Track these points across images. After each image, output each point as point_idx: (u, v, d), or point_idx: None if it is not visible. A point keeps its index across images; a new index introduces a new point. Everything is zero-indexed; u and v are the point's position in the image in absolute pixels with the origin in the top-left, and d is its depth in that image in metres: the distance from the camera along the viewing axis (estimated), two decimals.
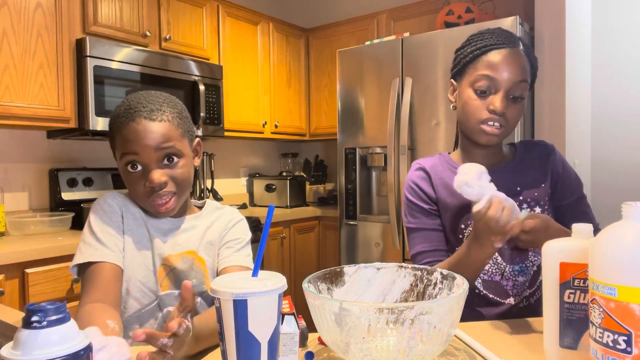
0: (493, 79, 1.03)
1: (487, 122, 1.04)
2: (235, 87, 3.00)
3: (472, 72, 1.07)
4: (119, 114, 0.96)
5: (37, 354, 0.45)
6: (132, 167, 0.95)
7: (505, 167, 1.12)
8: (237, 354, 0.57)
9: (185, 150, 1.00)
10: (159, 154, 0.95)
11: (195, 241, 1.06)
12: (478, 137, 1.07)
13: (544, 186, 1.11)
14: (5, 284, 1.72)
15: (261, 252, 0.61)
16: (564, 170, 1.14)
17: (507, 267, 1.08)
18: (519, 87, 1.04)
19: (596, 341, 0.56)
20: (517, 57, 1.04)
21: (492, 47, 1.05)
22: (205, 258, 1.06)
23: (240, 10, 3.04)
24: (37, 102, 2.04)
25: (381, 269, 0.83)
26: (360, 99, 2.80)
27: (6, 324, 0.92)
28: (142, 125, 0.93)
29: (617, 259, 0.53)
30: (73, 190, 2.39)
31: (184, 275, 1.03)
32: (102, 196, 1.04)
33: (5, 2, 1.94)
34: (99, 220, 0.99)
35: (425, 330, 0.62)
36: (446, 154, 1.20)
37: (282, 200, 3.30)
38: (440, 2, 2.88)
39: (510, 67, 1.03)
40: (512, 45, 1.05)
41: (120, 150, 0.96)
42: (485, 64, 1.04)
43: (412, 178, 1.18)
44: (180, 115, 1.00)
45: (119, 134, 0.96)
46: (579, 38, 2.56)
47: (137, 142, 0.93)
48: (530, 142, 1.19)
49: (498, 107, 1.02)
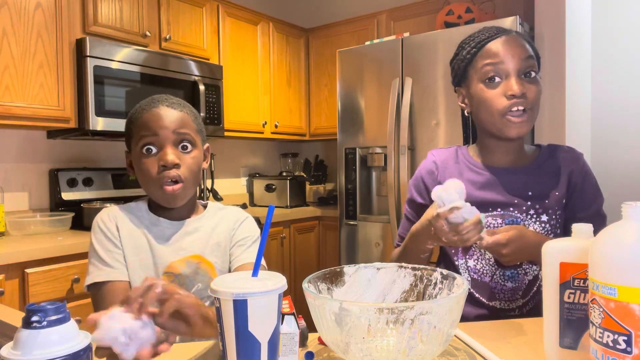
0: (499, 64, 1.02)
1: (511, 109, 1.01)
2: (235, 87, 3.00)
3: (475, 69, 1.06)
4: (142, 104, 1.03)
5: (37, 354, 0.45)
6: (147, 151, 0.99)
7: (522, 170, 1.10)
8: (237, 354, 0.57)
9: (198, 145, 1.05)
10: (175, 137, 1.00)
11: (201, 244, 1.06)
12: (507, 132, 1.03)
13: (557, 195, 1.08)
14: (5, 284, 1.72)
15: (261, 252, 0.61)
16: (585, 182, 1.09)
17: (497, 270, 1.08)
18: (527, 63, 1.02)
19: (596, 341, 0.56)
20: (515, 39, 1.03)
21: (487, 40, 1.04)
22: (212, 260, 1.06)
23: (240, 10, 3.05)
24: (37, 102, 2.04)
25: (381, 269, 0.83)
26: (360, 99, 2.80)
27: (6, 324, 0.92)
28: (164, 110, 1.00)
29: (617, 259, 0.53)
30: (73, 190, 2.39)
31: (189, 281, 1.02)
32: (98, 214, 1.07)
33: (5, 2, 1.94)
34: (98, 240, 1.03)
35: (425, 330, 0.62)
36: (464, 148, 1.18)
37: (282, 200, 3.30)
38: (440, 2, 2.88)
39: (511, 48, 1.02)
40: (507, 33, 1.05)
41: (138, 133, 1.00)
42: (485, 56, 1.04)
43: (421, 171, 1.19)
44: (196, 116, 1.07)
45: (139, 119, 1.01)
46: (579, 38, 2.56)
47: (157, 124, 0.99)
48: (557, 147, 1.14)
49: (516, 90, 0.99)
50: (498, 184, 1.09)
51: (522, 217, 1.07)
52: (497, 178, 1.09)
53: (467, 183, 1.09)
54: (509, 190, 1.08)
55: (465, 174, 1.12)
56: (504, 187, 1.08)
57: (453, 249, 1.13)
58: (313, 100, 3.54)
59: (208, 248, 1.06)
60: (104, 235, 1.03)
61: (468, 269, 1.11)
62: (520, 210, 1.07)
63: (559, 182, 1.09)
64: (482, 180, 1.10)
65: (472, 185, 1.10)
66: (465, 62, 1.07)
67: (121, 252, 1.02)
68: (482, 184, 1.10)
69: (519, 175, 1.09)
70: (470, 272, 1.10)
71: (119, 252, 1.02)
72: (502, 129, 1.03)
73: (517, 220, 1.07)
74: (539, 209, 1.07)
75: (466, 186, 1.09)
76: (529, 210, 1.07)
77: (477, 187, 1.10)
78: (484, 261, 1.09)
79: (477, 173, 1.11)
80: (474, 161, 1.14)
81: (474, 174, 1.11)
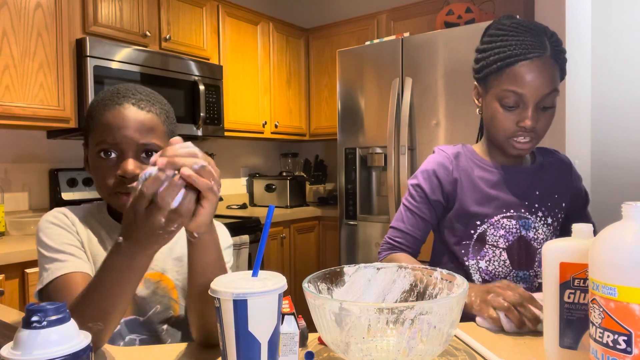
0: (521, 95, 0.97)
1: (518, 137, 1.01)
2: (235, 87, 3.00)
3: (497, 84, 1.01)
4: (104, 97, 0.89)
5: (37, 354, 0.45)
6: (106, 154, 0.86)
7: (527, 169, 1.12)
8: (237, 354, 0.57)
9: None
10: (139, 145, 0.86)
11: (161, 260, 0.94)
12: (509, 150, 1.05)
13: (558, 197, 1.11)
14: (5, 284, 1.72)
15: (261, 252, 0.61)
16: (580, 184, 1.17)
17: (511, 272, 1.08)
18: (549, 98, 0.99)
19: (596, 341, 0.56)
20: (546, 67, 0.96)
21: (518, 57, 0.97)
22: (173, 278, 0.95)
23: (240, 10, 3.04)
24: (37, 102, 2.04)
25: (381, 269, 0.83)
26: (360, 99, 2.80)
27: (6, 324, 0.91)
28: (129, 110, 0.86)
29: (617, 259, 0.53)
30: (73, 190, 2.39)
31: (146, 303, 0.92)
32: (44, 215, 0.92)
33: (5, 2, 1.94)
34: (51, 235, 0.88)
35: (425, 330, 0.62)
36: (469, 146, 1.17)
37: (282, 200, 3.30)
38: (440, 2, 2.88)
39: (538, 80, 0.96)
40: (540, 53, 0.96)
41: (97, 134, 0.87)
42: (511, 78, 0.98)
43: (434, 166, 1.12)
44: (167, 114, 0.93)
45: (101, 116, 0.87)
46: (579, 38, 2.56)
47: (119, 129, 0.85)
48: (545, 149, 1.18)
49: (528, 124, 0.98)
50: (508, 182, 1.10)
51: (532, 218, 1.08)
52: (508, 176, 1.10)
53: (479, 181, 1.10)
54: (518, 189, 1.09)
55: (476, 171, 1.12)
56: (514, 186, 1.09)
57: (463, 249, 1.10)
58: (313, 100, 3.54)
59: (169, 263, 0.95)
60: (60, 229, 0.89)
61: (480, 271, 1.09)
62: (530, 212, 1.09)
63: (560, 183, 1.13)
64: (494, 179, 1.10)
65: (484, 183, 1.10)
66: (489, 70, 1.02)
67: (83, 250, 0.89)
68: (494, 183, 1.10)
69: (526, 174, 1.11)
70: (482, 274, 1.09)
71: (81, 249, 0.89)
72: (504, 146, 1.05)
73: (529, 222, 1.08)
74: (545, 211, 1.09)
75: (478, 184, 1.09)
76: (537, 212, 1.09)
77: (489, 186, 1.10)
78: (497, 262, 1.08)
79: (488, 171, 1.11)
80: (482, 159, 1.13)
81: (485, 172, 1.11)
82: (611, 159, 2.73)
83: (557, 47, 1.00)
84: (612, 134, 2.74)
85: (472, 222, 1.09)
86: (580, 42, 2.59)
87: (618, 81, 2.72)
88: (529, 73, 0.96)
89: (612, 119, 2.73)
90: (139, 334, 0.92)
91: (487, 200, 1.08)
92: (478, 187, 1.09)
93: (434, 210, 1.13)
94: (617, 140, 2.73)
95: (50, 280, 0.83)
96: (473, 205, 1.08)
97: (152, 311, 0.93)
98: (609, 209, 1.13)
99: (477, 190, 1.09)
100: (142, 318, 0.93)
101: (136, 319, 0.92)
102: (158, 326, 0.94)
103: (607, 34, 2.74)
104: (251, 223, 2.70)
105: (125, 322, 0.91)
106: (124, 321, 0.91)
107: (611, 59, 2.74)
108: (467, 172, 1.11)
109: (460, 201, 1.10)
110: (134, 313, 0.92)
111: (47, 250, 0.86)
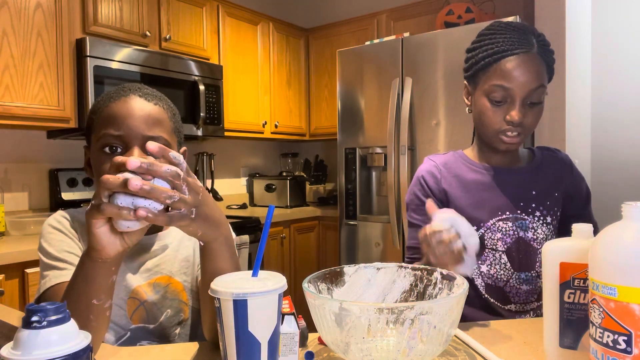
0: (508, 89, 0.99)
1: (506, 132, 1.02)
2: (235, 87, 3.00)
3: (485, 80, 1.03)
4: (109, 93, 0.86)
5: (37, 354, 0.45)
6: (110, 150, 0.82)
7: (523, 169, 1.12)
8: (237, 354, 0.57)
9: (173, 149, 0.87)
10: (145, 137, 0.81)
11: (169, 263, 0.93)
12: (497, 145, 1.06)
13: (557, 196, 1.10)
14: (5, 284, 1.72)
15: (261, 252, 0.61)
16: (581, 183, 1.15)
17: (514, 274, 1.08)
18: (536, 93, 1.00)
19: (596, 341, 0.56)
20: (532, 63, 0.99)
21: (505, 53, 0.99)
22: (182, 280, 0.94)
23: (240, 10, 3.04)
24: (37, 102, 2.04)
25: (381, 269, 0.83)
26: (360, 99, 2.80)
27: (6, 324, 0.91)
28: (135, 101, 0.83)
29: (617, 259, 0.53)
30: (73, 190, 2.39)
31: (157, 308, 0.90)
32: (48, 219, 0.92)
33: (5, 2, 1.94)
34: (52, 242, 0.87)
35: (425, 330, 0.62)
36: (460, 151, 1.18)
37: (282, 200, 3.30)
38: (440, 2, 2.88)
39: (525, 75, 0.98)
40: (526, 49, 0.99)
41: (102, 126, 0.83)
42: (498, 73, 1.00)
43: (422, 173, 1.16)
44: (174, 113, 0.90)
45: (105, 107, 0.83)
46: (579, 38, 2.56)
47: (125, 118, 0.81)
48: (547, 148, 1.18)
49: (515, 118, 0.99)
50: (502, 183, 1.09)
51: (529, 219, 1.08)
52: (501, 178, 1.10)
53: (472, 184, 1.10)
54: (513, 190, 1.09)
55: (468, 175, 1.12)
56: (509, 187, 1.09)
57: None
58: (313, 100, 3.54)
59: (176, 265, 0.94)
60: (62, 234, 0.88)
61: (481, 275, 1.09)
62: (527, 212, 1.08)
63: (557, 182, 1.12)
64: (486, 181, 1.10)
65: (477, 186, 1.10)
66: (478, 67, 1.04)
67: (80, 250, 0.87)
68: (487, 185, 1.10)
69: (521, 175, 1.11)
70: (484, 278, 1.09)
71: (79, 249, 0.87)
72: (493, 142, 1.06)
73: (526, 223, 1.07)
74: (544, 210, 1.09)
75: (471, 187, 1.09)
76: (535, 212, 1.08)
77: (482, 188, 1.10)
78: (499, 266, 1.08)
79: (480, 173, 1.11)
80: (473, 161, 1.14)
81: (476, 174, 1.11)
82: (611, 159, 2.73)
83: (544, 45, 1.02)
84: (612, 134, 2.74)
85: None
86: (580, 42, 2.59)
87: (618, 81, 2.72)
88: (516, 68, 0.98)
89: (612, 119, 2.73)
90: (150, 341, 0.90)
91: (481, 205, 1.08)
92: (471, 191, 1.10)
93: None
94: (617, 140, 2.72)
95: (47, 288, 0.82)
96: (467, 211, 1.08)
97: (164, 316, 0.91)
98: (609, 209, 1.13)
99: (470, 194, 1.09)
100: (152, 326, 0.90)
101: (145, 327, 0.90)
102: (171, 331, 0.92)
103: (607, 34, 2.74)
104: (251, 223, 2.71)
105: (135, 330, 0.89)
106: (135, 328, 0.89)
107: (611, 59, 2.74)
108: (459, 177, 1.12)
109: (454, 207, 1.11)
110: (142, 321, 0.90)
111: (46, 257, 0.86)
